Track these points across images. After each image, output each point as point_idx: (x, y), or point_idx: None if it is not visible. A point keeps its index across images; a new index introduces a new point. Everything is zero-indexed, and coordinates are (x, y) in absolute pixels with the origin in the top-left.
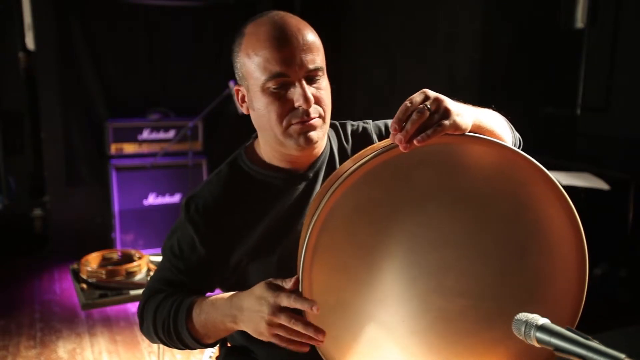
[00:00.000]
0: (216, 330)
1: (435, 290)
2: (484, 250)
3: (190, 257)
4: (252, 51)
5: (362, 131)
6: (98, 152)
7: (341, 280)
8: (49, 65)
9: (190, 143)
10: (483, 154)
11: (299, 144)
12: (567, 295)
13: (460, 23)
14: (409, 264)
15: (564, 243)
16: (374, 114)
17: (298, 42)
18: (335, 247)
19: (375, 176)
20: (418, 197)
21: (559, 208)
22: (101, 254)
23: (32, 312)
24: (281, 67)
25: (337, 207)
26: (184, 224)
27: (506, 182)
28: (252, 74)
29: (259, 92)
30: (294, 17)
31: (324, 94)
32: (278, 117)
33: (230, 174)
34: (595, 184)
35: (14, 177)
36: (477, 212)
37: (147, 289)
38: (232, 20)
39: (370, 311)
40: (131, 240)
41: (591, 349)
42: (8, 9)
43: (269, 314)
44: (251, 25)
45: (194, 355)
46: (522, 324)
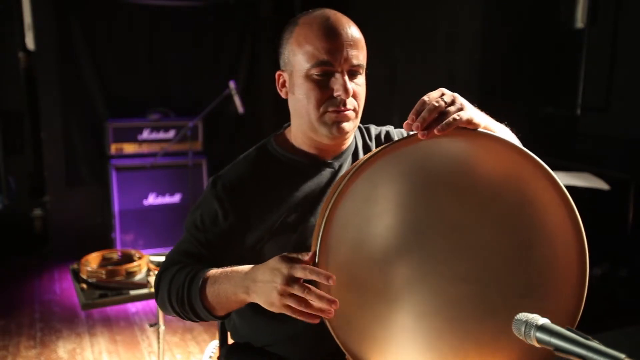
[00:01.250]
0: (228, 302)
1: (442, 274)
2: (490, 240)
3: (212, 230)
4: (303, 39)
5: (385, 134)
6: (98, 152)
7: (356, 258)
8: (49, 65)
9: (190, 143)
10: (492, 150)
11: (332, 132)
12: (568, 290)
13: (460, 23)
14: (420, 248)
15: (565, 239)
16: (373, 113)
17: (347, 37)
18: (353, 226)
19: (391, 164)
20: (430, 186)
21: (560, 203)
22: (101, 254)
23: (32, 312)
24: (328, 56)
25: (357, 187)
26: (209, 199)
27: (512, 179)
28: (299, 61)
29: (302, 78)
30: (345, 16)
31: (361, 90)
32: (317, 102)
33: (258, 156)
34: (595, 184)
35: (14, 177)
36: (485, 203)
37: (165, 260)
38: (232, 20)
39: (381, 291)
40: (131, 240)
41: (591, 349)
42: (8, 9)
43: (282, 283)
44: (305, 17)
45: (194, 355)
46: (522, 324)
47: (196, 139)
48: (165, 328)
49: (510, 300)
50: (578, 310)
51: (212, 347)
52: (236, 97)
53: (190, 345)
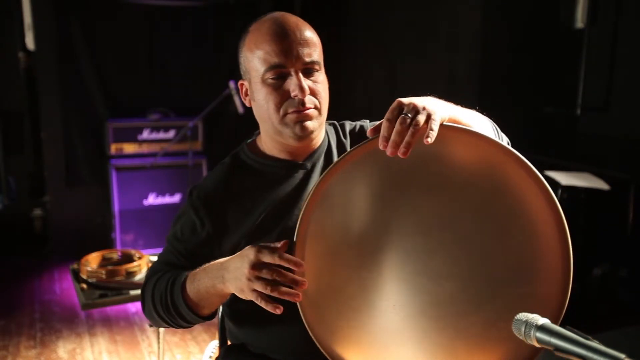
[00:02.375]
0: (209, 296)
1: (423, 274)
2: (466, 234)
3: (190, 240)
4: (254, 45)
5: (359, 129)
6: (98, 152)
7: (332, 265)
8: (49, 65)
9: (190, 143)
10: (459, 142)
11: (295, 132)
12: (553, 274)
13: (460, 23)
14: (397, 249)
15: (543, 222)
16: (373, 114)
17: (296, 37)
18: (325, 234)
19: (360, 165)
20: (401, 184)
21: (535, 188)
22: (101, 254)
23: (32, 312)
24: (279, 58)
25: (325, 195)
26: (187, 209)
27: (481, 167)
28: (254, 67)
29: (259, 84)
30: (294, 16)
31: (320, 87)
32: (275, 106)
33: (231, 165)
34: (595, 184)
35: (14, 177)
36: (456, 197)
37: (148, 271)
38: (232, 20)
39: (361, 296)
40: (131, 240)
41: (591, 349)
42: (8, 9)
43: (249, 267)
44: (255, 24)
45: (194, 355)
46: (522, 324)
47: (196, 139)
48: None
49: (494, 291)
50: (565, 295)
51: (212, 347)
52: (236, 97)
53: (190, 345)
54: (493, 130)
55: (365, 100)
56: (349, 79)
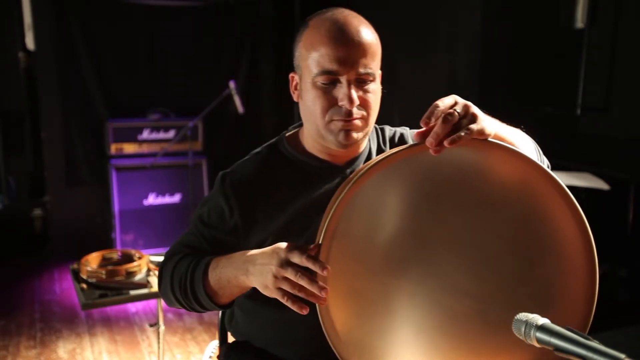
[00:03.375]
0: (229, 286)
1: (445, 289)
2: (495, 255)
3: (217, 227)
4: (310, 44)
5: (399, 137)
6: (98, 152)
7: (355, 268)
8: (49, 65)
9: (190, 143)
10: (502, 161)
11: (338, 140)
12: (576, 306)
13: (460, 23)
14: (423, 260)
15: (575, 257)
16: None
17: (355, 44)
18: (353, 235)
19: (397, 170)
20: (437, 196)
21: (572, 220)
22: (101, 254)
23: (32, 312)
24: (333, 65)
25: (359, 196)
26: (217, 195)
27: (521, 190)
28: (307, 67)
29: (310, 84)
30: (357, 18)
31: (371, 97)
32: (322, 110)
33: (268, 155)
34: (595, 184)
35: (14, 177)
36: (492, 217)
37: (168, 251)
38: (232, 20)
39: (381, 303)
40: (131, 240)
41: (591, 349)
42: (8, 9)
43: (277, 265)
44: (315, 19)
45: (194, 355)
46: (522, 324)
47: (196, 139)
48: (165, 328)
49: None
50: (586, 326)
51: (212, 347)
52: (236, 97)
53: (190, 345)
54: (536, 152)
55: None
56: None
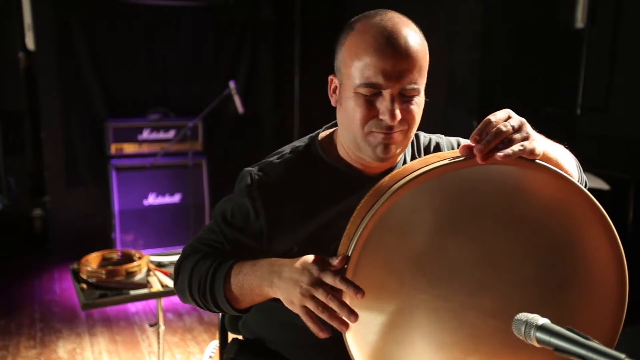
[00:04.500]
0: (251, 294)
1: (471, 307)
2: (524, 277)
3: (240, 227)
4: (354, 51)
5: (435, 145)
6: (98, 152)
7: (383, 279)
8: (49, 65)
9: (190, 143)
10: (546, 183)
11: (376, 153)
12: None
13: (460, 23)
14: (451, 277)
15: (606, 284)
16: None
17: (402, 58)
18: (385, 245)
19: (438, 184)
20: (474, 212)
21: (608, 249)
22: (101, 254)
23: (32, 312)
24: (378, 78)
25: (395, 208)
26: (242, 195)
27: (561, 215)
28: (350, 73)
29: (350, 92)
30: (407, 25)
31: (415, 110)
32: (362, 121)
33: (300, 158)
34: (595, 184)
35: (14, 177)
36: (527, 238)
37: (188, 246)
38: (232, 20)
39: (404, 315)
40: (131, 240)
41: (591, 349)
42: (8, 9)
43: (308, 284)
44: (361, 23)
45: (194, 355)
46: (522, 324)
47: (196, 139)
48: (165, 328)
49: None
50: None
51: (212, 347)
52: (236, 97)
53: (190, 345)
54: (578, 171)
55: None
56: None
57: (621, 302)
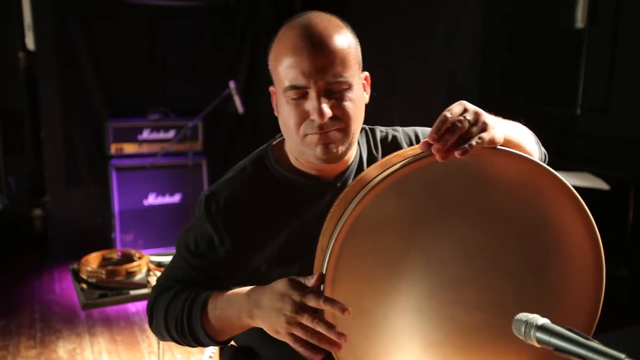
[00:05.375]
0: (231, 327)
1: (454, 302)
2: (503, 264)
3: (206, 256)
4: (277, 56)
5: (392, 140)
6: (98, 152)
7: (362, 288)
8: (49, 65)
9: (190, 143)
10: (510, 167)
11: (316, 154)
12: (582, 311)
13: (460, 23)
14: (430, 275)
15: (583, 260)
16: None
17: (320, 53)
18: (359, 255)
19: (402, 186)
20: (443, 208)
21: (581, 224)
22: (101, 254)
23: (32, 312)
24: (299, 77)
25: (363, 215)
26: (203, 221)
27: (530, 197)
28: (278, 79)
29: (282, 97)
30: (328, 21)
31: (349, 106)
32: (295, 125)
33: (255, 173)
34: (595, 184)
35: (14, 177)
36: (500, 226)
37: (157, 286)
38: (232, 20)
39: (389, 320)
40: (131, 240)
41: (591, 349)
42: (8, 9)
43: (292, 311)
44: (283, 28)
45: (194, 355)
46: (522, 324)
47: (196, 139)
48: None
49: None
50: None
51: (212, 347)
52: (236, 97)
53: None
54: (537, 146)
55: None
56: None
57: (599, 276)
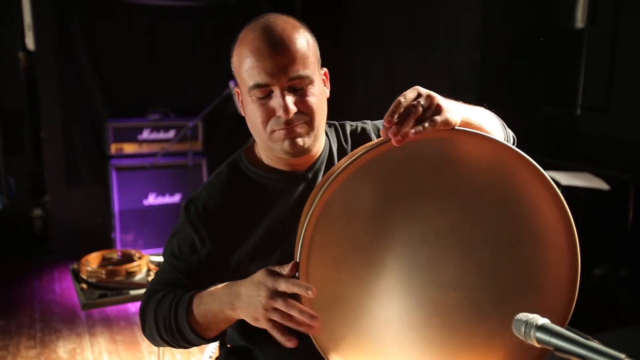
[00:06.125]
0: (216, 321)
1: (430, 283)
2: (475, 242)
3: (190, 258)
4: (240, 57)
5: (360, 131)
6: (98, 152)
7: (338, 274)
8: (49, 65)
9: (190, 143)
10: (471, 147)
11: (284, 148)
12: (560, 283)
13: (460, 23)
14: (404, 259)
15: (554, 232)
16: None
17: (281, 51)
18: (331, 242)
19: (367, 172)
20: (409, 191)
21: (547, 197)
22: (101, 254)
23: (32, 312)
24: (263, 76)
25: (331, 202)
26: (184, 225)
27: (494, 174)
28: (242, 80)
29: (247, 97)
30: (285, 22)
31: (312, 100)
32: (262, 123)
33: (230, 176)
34: (595, 184)
35: (14, 177)
36: (467, 205)
37: (146, 292)
38: (232, 20)
39: (367, 306)
40: (131, 240)
41: (591, 349)
42: (8, 9)
43: (266, 297)
44: (244, 31)
45: (194, 355)
46: (522, 324)
47: (196, 139)
48: None
49: (500, 300)
50: (571, 304)
51: (212, 347)
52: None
53: None
54: (502, 129)
55: (365, 100)
56: (349, 79)
57: (573, 251)
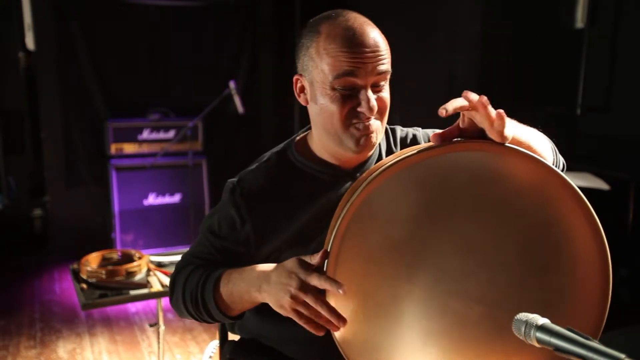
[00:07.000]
0: (241, 301)
1: (456, 294)
2: (507, 261)
3: (228, 237)
4: (324, 50)
5: (412, 139)
6: (98, 152)
7: (366, 270)
8: (49, 65)
9: (190, 143)
10: (519, 166)
11: (359, 144)
12: (588, 314)
13: (460, 23)
14: (434, 265)
15: (588, 263)
16: None
17: (371, 49)
18: (365, 236)
19: (412, 173)
20: (450, 200)
21: (587, 228)
22: (101, 254)
23: (32, 312)
24: (351, 70)
25: (371, 198)
26: (227, 205)
27: (537, 196)
28: (322, 72)
29: (325, 90)
30: (367, 21)
31: (386, 98)
32: (341, 116)
33: (278, 164)
34: (595, 184)
35: (14, 177)
36: (505, 223)
37: (179, 262)
38: (232, 20)
39: (389, 305)
40: (131, 240)
41: (591, 349)
42: (8, 9)
43: (296, 288)
44: (327, 24)
45: (194, 355)
46: (522, 324)
47: (196, 139)
48: (165, 328)
49: None
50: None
51: (212, 347)
52: (236, 97)
53: (190, 345)
54: (552, 153)
55: None
56: None
57: (606, 283)
